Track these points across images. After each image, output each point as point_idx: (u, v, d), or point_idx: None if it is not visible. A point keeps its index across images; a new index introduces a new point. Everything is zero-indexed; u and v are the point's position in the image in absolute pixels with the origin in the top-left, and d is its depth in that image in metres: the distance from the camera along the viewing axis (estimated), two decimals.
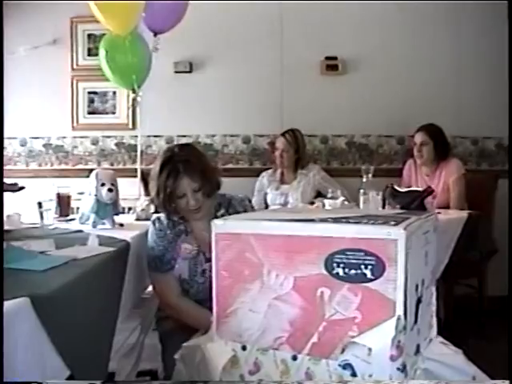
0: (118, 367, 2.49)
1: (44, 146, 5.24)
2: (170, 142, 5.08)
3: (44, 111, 5.15)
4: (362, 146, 5.11)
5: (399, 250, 1.59)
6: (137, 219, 3.39)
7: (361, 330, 1.65)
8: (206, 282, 2.43)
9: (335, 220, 1.78)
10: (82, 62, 5.15)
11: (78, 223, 3.00)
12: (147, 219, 2.90)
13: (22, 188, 3.01)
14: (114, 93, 5.15)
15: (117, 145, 5.24)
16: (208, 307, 2.16)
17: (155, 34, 4.21)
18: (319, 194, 4.48)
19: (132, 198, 3.98)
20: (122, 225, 3.02)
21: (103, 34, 4.34)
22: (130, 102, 4.74)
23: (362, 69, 5.04)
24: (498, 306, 4.24)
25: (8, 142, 5.16)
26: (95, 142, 5.24)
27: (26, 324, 1.49)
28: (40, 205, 3.04)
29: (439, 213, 2.75)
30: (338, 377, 1.70)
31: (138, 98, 4.40)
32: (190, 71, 5.09)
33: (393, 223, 1.67)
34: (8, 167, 5.06)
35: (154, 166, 2.60)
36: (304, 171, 4.57)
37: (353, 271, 1.64)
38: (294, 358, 1.76)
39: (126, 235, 2.63)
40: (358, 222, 1.72)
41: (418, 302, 1.79)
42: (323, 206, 3.75)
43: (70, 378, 1.71)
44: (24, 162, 5.23)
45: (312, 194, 4.51)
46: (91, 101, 5.20)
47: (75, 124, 5.22)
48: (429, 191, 3.68)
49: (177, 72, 5.10)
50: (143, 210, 3.38)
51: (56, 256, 2.10)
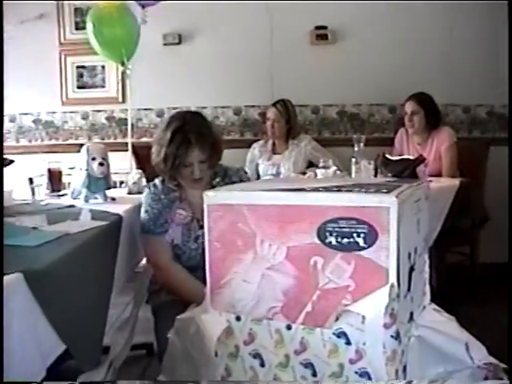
0: (112, 341, 2.49)
1: (34, 121, 5.22)
2: (160, 114, 5.06)
3: (33, 87, 5.11)
4: (353, 115, 5.10)
5: (391, 217, 1.59)
6: (129, 193, 3.38)
7: (354, 298, 1.66)
8: (199, 249, 2.42)
9: (327, 189, 1.78)
10: (70, 36, 5.11)
11: (70, 198, 2.99)
12: (139, 192, 2.90)
13: (12, 162, 3.00)
14: (103, 67, 5.11)
15: (107, 119, 5.21)
16: (201, 276, 2.17)
17: (143, 7, 4.18)
18: (311, 164, 4.48)
19: (123, 172, 3.97)
20: (114, 199, 3.01)
21: (90, 8, 4.31)
22: (120, 76, 4.72)
23: (352, 38, 5.01)
24: (489, 273, 4.27)
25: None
26: (85, 117, 5.22)
27: (19, 299, 1.50)
28: (31, 181, 3.03)
29: (431, 181, 2.75)
30: (332, 345, 1.71)
31: (128, 71, 4.38)
32: (179, 43, 5.06)
33: (385, 191, 1.67)
34: None
35: (160, 131, 2.60)
36: (295, 141, 4.56)
37: (345, 240, 1.65)
38: (289, 327, 1.77)
39: (119, 209, 2.63)
40: (350, 191, 1.72)
41: (411, 269, 1.79)
42: (315, 175, 3.75)
43: (66, 352, 1.72)
44: (14, 138, 5.21)
45: (304, 164, 4.51)
46: (80, 75, 5.17)
47: (65, 99, 5.19)
48: (421, 159, 3.68)
49: (166, 44, 5.06)
50: (135, 183, 3.37)
51: (49, 231, 2.10)
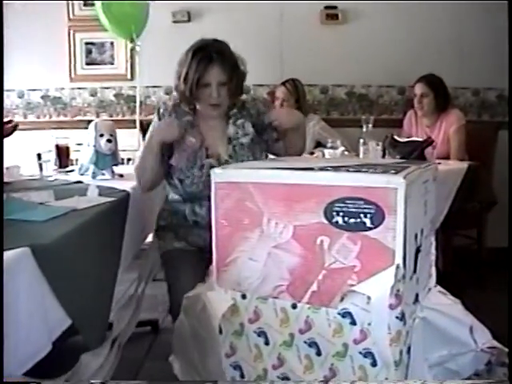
0: (117, 318, 2.50)
1: (42, 97, 5.21)
2: (169, 92, 5.03)
3: (41, 63, 5.09)
4: (362, 96, 5.07)
5: (399, 198, 1.59)
6: None
7: (360, 278, 1.66)
8: (203, 177, 2.43)
9: (335, 169, 1.77)
10: (79, 12, 5.08)
11: (78, 174, 2.99)
12: None
13: (17, 125, 3.02)
14: (112, 43, 5.08)
15: (115, 96, 5.20)
16: (200, 203, 2.46)
17: None
18: (319, 144, 4.46)
19: (131, 149, 3.98)
20: (121, 175, 3.02)
21: None
22: (129, 53, 4.71)
23: (362, 18, 4.97)
24: (496, 258, 4.26)
25: (6, 94, 5.12)
26: (94, 94, 5.20)
27: (26, 274, 1.50)
28: (39, 156, 3.04)
29: (439, 163, 2.74)
30: (337, 325, 1.72)
31: (137, 48, 4.37)
32: (188, 20, 5.02)
33: (393, 172, 1.67)
34: (6, 120, 5.02)
35: (182, 55, 2.57)
36: None
37: (352, 220, 1.65)
38: (294, 306, 1.78)
39: (126, 185, 2.63)
40: (358, 171, 1.72)
41: (417, 251, 1.79)
42: (323, 155, 3.74)
43: (72, 327, 1.73)
44: (22, 114, 5.20)
45: (312, 144, 4.48)
46: (89, 51, 5.14)
47: (73, 75, 5.17)
48: (429, 141, 3.67)
49: (175, 22, 5.02)
50: None
51: (56, 207, 2.10)
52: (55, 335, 1.64)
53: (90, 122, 3.01)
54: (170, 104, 2.66)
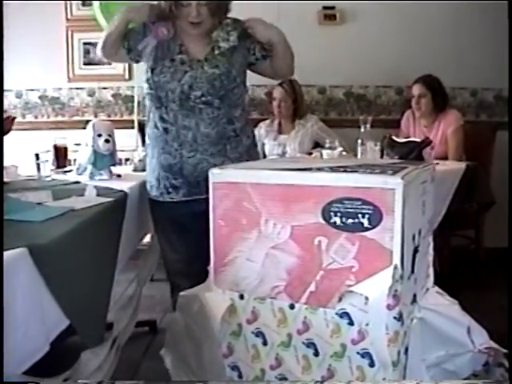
0: (116, 318, 2.50)
1: (40, 97, 5.20)
2: None
3: (39, 63, 5.09)
4: (360, 96, 5.07)
5: (396, 199, 1.59)
6: (134, 170, 3.38)
7: (358, 278, 1.67)
8: (172, 68, 2.46)
9: (332, 169, 1.78)
10: (77, 12, 5.07)
11: (76, 174, 2.99)
12: (144, 170, 2.88)
13: (15, 118, 3.04)
14: None
15: (113, 96, 5.19)
16: (168, 109, 2.47)
17: None
18: (317, 145, 4.46)
19: (129, 149, 3.97)
20: (119, 176, 3.01)
21: None
22: None
23: (360, 18, 4.97)
24: (494, 258, 4.26)
25: (4, 94, 5.11)
26: (92, 94, 5.20)
27: (24, 274, 1.50)
28: (37, 156, 3.03)
29: (437, 163, 2.74)
30: (335, 325, 1.72)
31: None
32: None
33: (390, 172, 1.67)
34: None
35: None
36: (302, 121, 4.54)
37: (350, 220, 1.65)
38: (292, 306, 1.78)
39: (124, 186, 2.62)
40: (356, 171, 1.72)
41: (415, 251, 1.80)
42: (321, 156, 3.74)
43: (70, 327, 1.73)
44: (20, 114, 5.19)
45: (310, 144, 4.49)
46: (87, 51, 5.14)
47: (71, 75, 5.17)
48: (427, 142, 3.66)
49: None
50: (140, 160, 3.36)
51: (54, 207, 2.10)
52: (53, 336, 1.64)
53: (87, 122, 3.00)
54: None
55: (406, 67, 4.75)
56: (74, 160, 3.21)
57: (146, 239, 2.87)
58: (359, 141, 3.63)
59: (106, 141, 2.85)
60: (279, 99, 4.51)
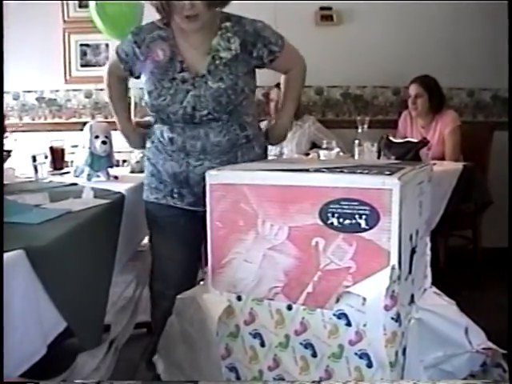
0: (114, 320, 2.50)
1: (37, 99, 5.20)
2: None
3: (36, 64, 5.08)
4: (357, 97, 5.08)
5: (393, 199, 1.59)
6: (131, 171, 3.38)
7: (355, 279, 1.67)
8: (171, 89, 2.30)
9: (330, 170, 1.78)
10: (74, 14, 5.07)
11: (73, 176, 2.99)
12: (142, 171, 2.88)
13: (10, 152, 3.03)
14: (107, 45, 5.06)
15: None
16: (171, 127, 2.36)
17: None
18: (314, 146, 4.46)
19: (126, 151, 3.95)
20: (116, 177, 3.01)
21: None
22: None
23: (357, 19, 4.98)
24: (492, 258, 4.26)
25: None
26: (89, 95, 5.19)
27: (21, 276, 1.50)
28: (34, 158, 3.03)
29: (434, 164, 2.74)
30: (332, 326, 1.72)
31: None
32: None
33: (387, 173, 1.67)
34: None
35: None
36: (299, 122, 4.54)
37: (347, 221, 1.65)
38: (289, 307, 1.78)
39: (121, 187, 2.62)
40: (353, 172, 1.72)
41: (413, 252, 1.80)
42: (318, 157, 3.74)
43: (67, 329, 1.73)
44: (17, 115, 5.19)
45: (307, 145, 4.49)
46: (84, 53, 5.14)
47: (68, 77, 5.17)
48: (424, 142, 3.67)
49: None
50: (138, 162, 3.36)
51: (51, 209, 2.10)
52: (50, 338, 1.64)
53: (85, 123, 3.00)
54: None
55: (403, 68, 4.76)
56: (71, 162, 3.21)
57: (145, 241, 2.86)
58: (356, 141, 3.63)
59: (103, 142, 2.85)
60: (276, 100, 4.51)
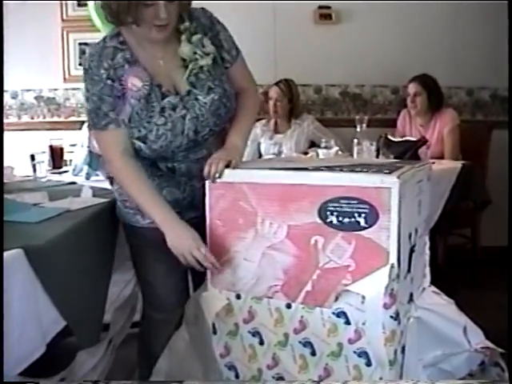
0: (112, 319, 2.50)
1: (36, 98, 5.19)
2: None
3: (35, 63, 5.07)
4: (356, 95, 5.07)
5: (392, 198, 1.59)
6: None
7: (354, 278, 1.67)
8: (168, 124, 1.95)
9: (329, 168, 1.78)
10: (72, 13, 5.05)
11: (71, 175, 2.99)
12: None
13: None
14: None
15: None
16: (175, 159, 2.03)
17: None
18: (313, 144, 4.46)
19: None
20: None
21: None
22: None
23: (356, 18, 4.97)
24: (490, 257, 4.26)
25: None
26: None
27: (20, 275, 1.50)
28: (33, 157, 3.03)
29: (433, 163, 2.75)
30: (331, 325, 1.72)
31: None
32: None
33: (386, 172, 1.67)
34: None
35: None
36: (298, 121, 4.54)
37: (346, 219, 1.65)
38: (288, 306, 1.78)
39: None
40: (352, 171, 1.72)
41: (412, 250, 1.80)
42: (317, 155, 3.74)
43: (66, 328, 1.73)
44: (16, 114, 5.18)
45: (306, 144, 4.49)
46: (82, 52, 5.11)
47: (67, 76, 5.15)
48: (423, 141, 3.67)
49: None
50: None
51: (50, 208, 2.10)
52: (49, 337, 1.64)
53: (83, 122, 3.00)
54: (95, 49, 1.99)
55: (402, 66, 4.75)
56: (70, 161, 3.21)
57: None
58: (355, 140, 3.63)
59: None
60: (275, 99, 4.51)
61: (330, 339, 1.73)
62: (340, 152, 3.74)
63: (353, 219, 1.64)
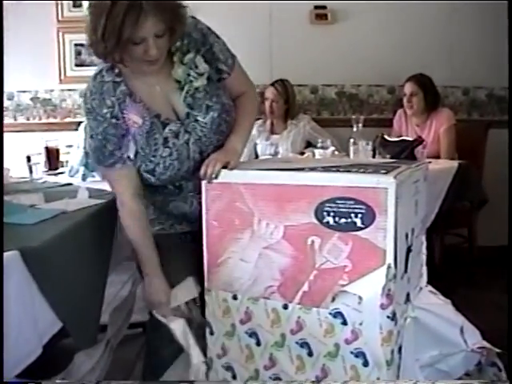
0: (109, 320, 2.50)
1: (31, 99, 5.18)
2: None
3: (30, 64, 5.06)
4: (352, 95, 5.07)
5: (389, 198, 1.59)
6: None
7: (351, 278, 1.67)
8: (173, 154, 1.98)
9: (325, 169, 1.77)
10: (68, 13, 5.05)
11: (68, 176, 2.99)
12: None
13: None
14: None
15: None
16: (182, 183, 2.06)
17: None
18: (309, 145, 4.47)
19: None
20: None
21: None
22: None
23: (352, 18, 4.97)
24: (487, 256, 4.27)
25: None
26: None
27: (16, 277, 1.50)
28: (29, 159, 3.03)
29: (430, 162, 2.74)
30: (328, 325, 1.72)
31: None
32: None
33: (383, 172, 1.67)
34: None
35: (94, 3, 1.81)
36: (294, 121, 4.54)
37: (343, 220, 1.65)
38: (285, 306, 1.77)
39: None
40: (348, 171, 1.72)
41: (408, 250, 1.80)
42: (313, 156, 3.74)
43: (64, 329, 1.73)
44: (12, 116, 5.17)
45: (302, 144, 4.49)
46: (78, 53, 5.12)
47: (63, 77, 5.15)
48: (419, 141, 3.67)
49: None
50: None
51: (46, 209, 2.09)
52: (46, 338, 1.64)
53: (79, 123, 3.00)
54: (94, 85, 2.02)
55: (398, 66, 4.75)
56: (66, 162, 3.21)
57: None
58: (351, 140, 3.63)
59: None
60: (271, 99, 4.51)
61: (326, 340, 1.73)
62: (336, 152, 3.74)
63: (349, 220, 1.64)
